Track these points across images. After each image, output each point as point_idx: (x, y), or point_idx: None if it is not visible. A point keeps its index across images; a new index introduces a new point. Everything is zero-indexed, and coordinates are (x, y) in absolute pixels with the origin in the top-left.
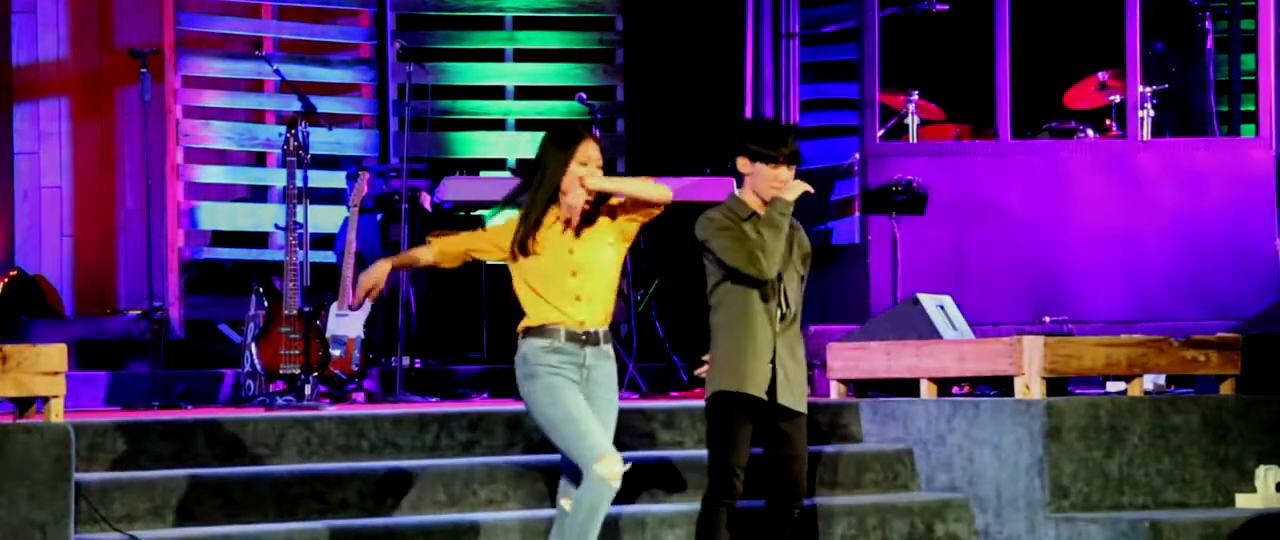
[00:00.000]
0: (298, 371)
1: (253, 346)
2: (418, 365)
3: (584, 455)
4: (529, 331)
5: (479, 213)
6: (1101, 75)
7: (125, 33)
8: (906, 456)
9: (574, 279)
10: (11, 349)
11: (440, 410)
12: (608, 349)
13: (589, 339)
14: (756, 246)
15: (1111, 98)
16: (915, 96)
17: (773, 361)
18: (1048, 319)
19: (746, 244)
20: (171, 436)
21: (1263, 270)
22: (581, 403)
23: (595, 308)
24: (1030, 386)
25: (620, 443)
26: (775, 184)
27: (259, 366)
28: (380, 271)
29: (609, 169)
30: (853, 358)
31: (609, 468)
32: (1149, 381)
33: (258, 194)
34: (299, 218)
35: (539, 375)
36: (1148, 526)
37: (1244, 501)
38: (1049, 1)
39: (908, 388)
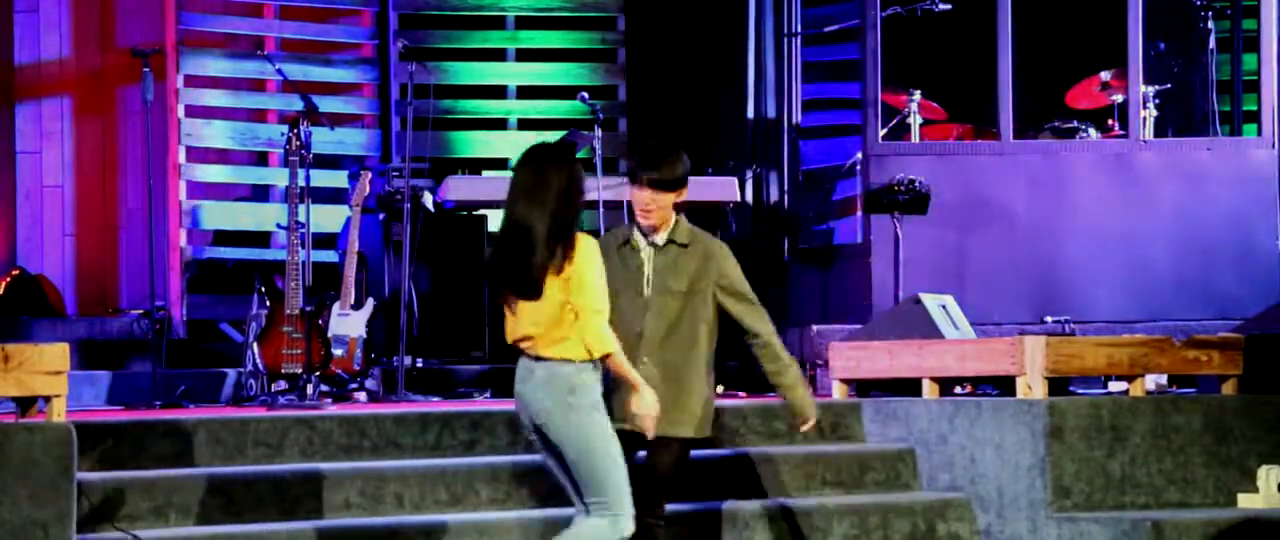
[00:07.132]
0: (300, 371)
1: (255, 346)
2: (420, 365)
3: (624, 501)
4: (598, 362)
5: (481, 213)
6: (1104, 75)
7: (127, 32)
8: (908, 456)
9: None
10: (14, 348)
11: (442, 410)
12: None
13: None
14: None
15: (1113, 97)
16: (917, 96)
17: None
18: (1049, 319)
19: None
20: (173, 436)
21: (1265, 270)
22: None
23: None
24: (1032, 386)
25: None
26: (639, 204)
27: (261, 366)
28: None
29: (610, 168)
30: (855, 357)
31: (631, 528)
32: (1151, 381)
33: (259, 193)
34: (301, 217)
35: (601, 409)
36: (1149, 526)
37: (1246, 501)
38: (1051, 1)
39: (910, 387)
